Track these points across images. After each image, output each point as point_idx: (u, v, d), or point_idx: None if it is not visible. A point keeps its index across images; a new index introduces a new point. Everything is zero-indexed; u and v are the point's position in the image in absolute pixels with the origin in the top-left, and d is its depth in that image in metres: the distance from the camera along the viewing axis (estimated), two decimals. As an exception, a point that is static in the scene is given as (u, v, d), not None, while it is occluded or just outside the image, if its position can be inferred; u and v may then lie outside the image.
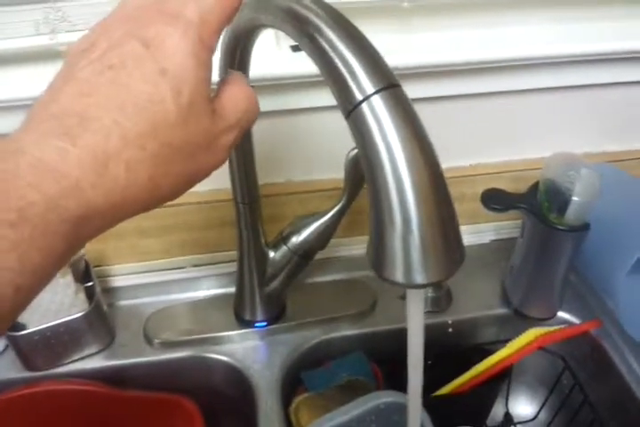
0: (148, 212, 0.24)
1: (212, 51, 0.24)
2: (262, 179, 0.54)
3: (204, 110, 0.24)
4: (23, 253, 0.19)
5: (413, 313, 0.36)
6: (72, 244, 0.21)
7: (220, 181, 0.61)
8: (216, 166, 0.26)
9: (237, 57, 0.40)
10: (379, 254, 0.28)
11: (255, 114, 0.27)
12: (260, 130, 0.61)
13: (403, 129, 0.26)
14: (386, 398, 0.51)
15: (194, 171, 0.25)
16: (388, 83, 0.26)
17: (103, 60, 0.22)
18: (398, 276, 0.28)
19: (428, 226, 0.27)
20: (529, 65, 0.59)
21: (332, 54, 0.27)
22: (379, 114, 0.26)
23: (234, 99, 0.26)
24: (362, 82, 0.26)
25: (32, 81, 0.50)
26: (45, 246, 0.20)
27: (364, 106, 0.26)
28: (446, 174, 0.74)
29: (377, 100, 0.26)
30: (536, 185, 0.58)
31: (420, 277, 0.28)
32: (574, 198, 0.54)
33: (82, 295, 0.57)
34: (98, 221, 0.22)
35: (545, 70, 0.61)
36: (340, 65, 0.26)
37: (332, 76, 0.27)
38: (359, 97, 0.26)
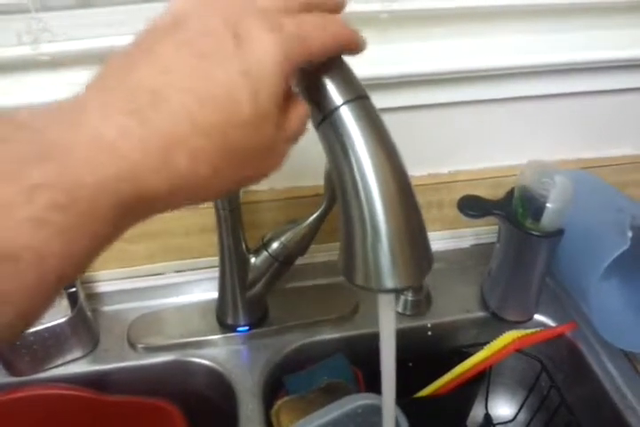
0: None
1: (295, 68, 0.24)
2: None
3: (273, 119, 0.24)
4: (69, 239, 0.18)
5: (385, 318, 0.37)
6: (119, 228, 0.21)
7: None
8: (269, 173, 0.26)
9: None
10: (349, 261, 0.29)
11: (305, 131, 0.27)
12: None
13: (370, 139, 0.27)
14: (364, 400, 0.52)
15: (249, 173, 0.25)
16: (356, 95, 0.27)
17: (191, 45, 0.22)
18: (368, 281, 0.29)
19: (396, 234, 0.28)
20: (506, 74, 0.61)
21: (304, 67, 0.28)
22: (347, 125, 0.27)
23: (298, 115, 0.26)
24: (330, 94, 0.27)
25: (14, 90, 0.50)
26: (91, 232, 0.19)
27: (333, 117, 0.27)
28: (425, 181, 0.76)
29: (345, 112, 0.27)
30: (512, 192, 0.59)
31: (389, 283, 0.29)
32: (548, 205, 0.55)
33: (65, 301, 0.57)
34: (149, 207, 0.21)
35: (522, 79, 0.62)
36: (310, 77, 0.27)
37: (304, 88, 0.28)
38: (328, 108, 0.27)
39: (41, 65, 0.49)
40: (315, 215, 0.57)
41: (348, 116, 0.27)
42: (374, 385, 0.60)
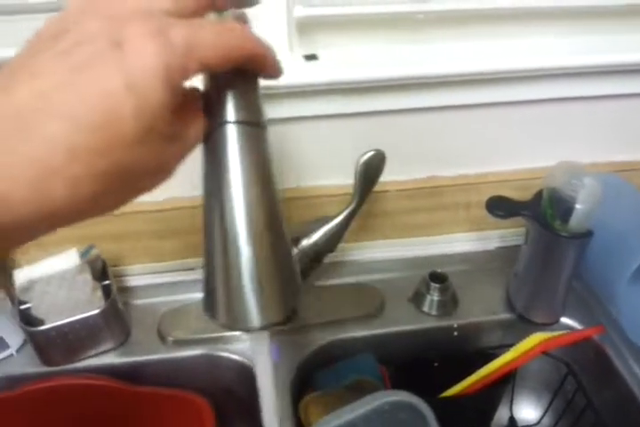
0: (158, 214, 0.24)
1: (185, 78, 0.22)
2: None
3: (161, 135, 0.22)
4: None
5: (259, 355, 0.35)
6: None
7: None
8: (158, 185, 0.25)
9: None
10: (211, 298, 0.28)
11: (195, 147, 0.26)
12: (271, 136, 0.63)
13: (246, 163, 0.26)
14: (392, 397, 0.52)
15: (136, 190, 0.24)
16: (251, 119, 0.27)
17: (71, 54, 0.20)
18: (232, 320, 0.28)
19: (261, 269, 0.26)
20: (537, 76, 0.61)
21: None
22: (228, 143, 0.26)
23: (194, 126, 0.25)
24: (227, 110, 0.26)
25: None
26: None
27: (219, 131, 0.26)
28: (453, 182, 0.76)
29: (231, 130, 0.26)
30: (540, 193, 0.60)
31: (255, 321, 0.27)
32: (577, 206, 0.56)
33: (99, 293, 0.59)
34: (23, 232, 0.20)
35: (553, 81, 0.62)
36: (216, 91, 0.26)
37: (208, 98, 0.27)
38: (218, 121, 0.26)
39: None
40: (344, 213, 0.58)
41: (233, 135, 0.26)
42: (400, 383, 0.60)
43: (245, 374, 0.60)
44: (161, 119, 0.21)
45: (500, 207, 0.61)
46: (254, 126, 0.27)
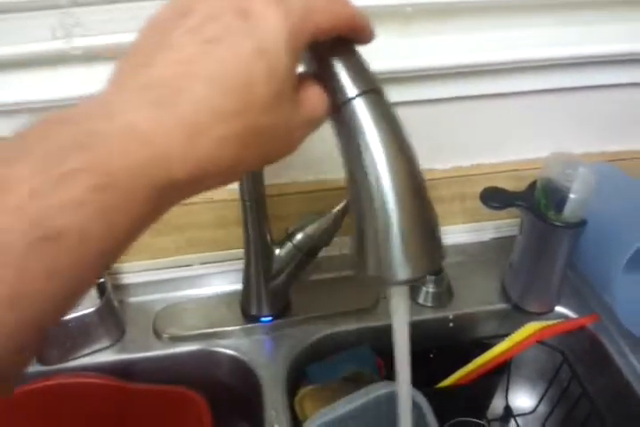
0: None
1: (304, 45, 0.24)
2: (268, 179, 0.56)
3: (291, 99, 0.24)
4: (111, 219, 0.19)
5: (397, 310, 0.36)
6: (157, 210, 0.22)
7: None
8: (286, 154, 0.26)
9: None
10: (361, 253, 0.29)
11: (325, 117, 0.27)
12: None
13: (383, 132, 0.27)
14: (388, 388, 0.52)
15: (267, 155, 0.25)
16: (371, 87, 0.27)
17: (202, 31, 0.22)
18: (380, 273, 0.29)
19: (408, 225, 0.27)
20: (529, 67, 0.61)
21: (319, 59, 0.27)
22: (360, 117, 0.27)
23: (315, 97, 0.26)
24: (345, 85, 0.27)
25: (48, 84, 0.51)
26: (132, 212, 0.20)
27: (346, 108, 0.27)
28: (448, 174, 0.76)
29: (359, 103, 0.27)
30: (534, 184, 0.60)
31: (401, 274, 0.28)
32: (571, 196, 0.56)
33: (93, 291, 0.58)
34: (179, 191, 0.22)
35: (546, 72, 0.62)
36: (325, 69, 0.27)
37: (319, 79, 0.27)
38: (342, 99, 0.27)
39: (73, 59, 0.50)
40: (338, 207, 0.58)
41: (362, 108, 0.27)
42: (394, 376, 0.61)
43: (241, 369, 0.60)
44: (288, 82, 0.23)
45: (495, 198, 0.60)
46: (378, 93, 0.28)
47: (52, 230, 0.18)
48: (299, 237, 0.58)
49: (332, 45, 0.26)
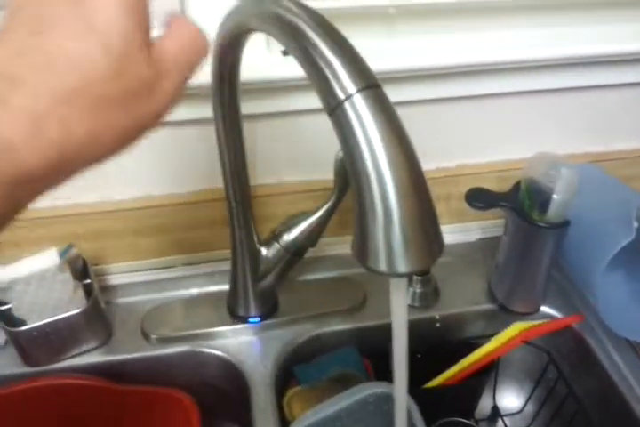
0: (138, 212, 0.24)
1: (143, 6, 0.23)
2: (254, 180, 0.56)
3: (140, 59, 0.23)
4: None
5: (397, 302, 0.37)
6: (11, 206, 0.21)
7: (211, 181, 0.63)
8: (161, 113, 0.25)
9: (228, 61, 0.42)
10: (362, 245, 0.30)
11: (203, 51, 0.26)
12: (251, 132, 0.63)
13: (383, 126, 0.27)
14: (375, 388, 0.52)
15: (137, 120, 0.24)
16: (369, 83, 0.28)
17: (34, 21, 0.22)
18: (381, 265, 0.29)
19: (408, 218, 0.28)
20: (512, 68, 0.62)
21: (316, 56, 0.28)
22: (360, 112, 0.27)
23: (176, 41, 0.25)
24: (344, 82, 0.28)
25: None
26: None
27: (346, 104, 0.28)
28: (433, 175, 0.77)
29: (358, 99, 0.27)
30: (518, 184, 0.60)
31: (401, 267, 0.29)
32: (555, 196, 0.56)
33: (80, 292, 0.58)
34: (37, 181, 0.22)
35: (529, 73, 0.63)
36: (323, 66, 0.28)
37: (316, 76, 0.28)
38: (341, 96, 0.28)
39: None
40: (325, 208, 0.58)
41: (361, 104, 0.27)
42: (383, 376, 0.61)
43: (229, 370, 0.60)
44: (131, 44, 0.23)
45: (479, 199, 0.61)
46: (378, 88, 0.28)
47: None
48: (285, 237, 0.58)
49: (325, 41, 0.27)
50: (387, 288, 0.68)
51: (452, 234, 0.74)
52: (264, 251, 0.59)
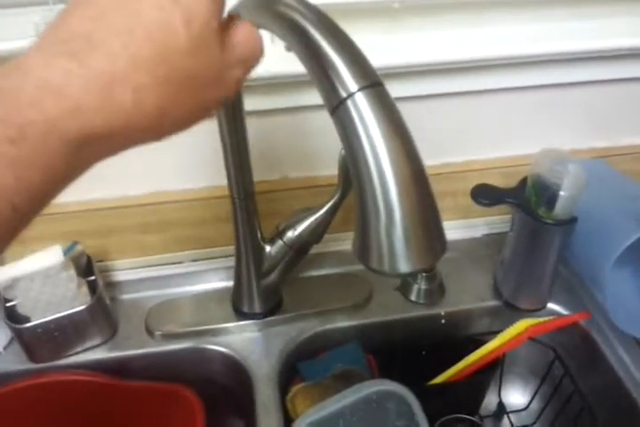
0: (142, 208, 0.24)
1: None
2: (258, 176, 0.56)
3: (214, 41, 0.24)
4: (21, 172, 0.19)
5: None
6: (73, 166, 0.21)
7: (215, 178, 0.63)
8: (220, 102, 0.26)
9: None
10: (364, 245, 0.30)
11: (260, 55, 0.27)
12: (255, 128, 0.63)
13: (385, 125, 0.27)
14: (379, 386, 0.52)
15: (202, 102, 0.25)
16: (372, 81, 0.27)
17: None
18: (382, 265, 0.29)
19: (409, 217, 0.28)
20: (519, 63, 0.61)
21: (318, 54, 0.28)
22: (362, 110, 0.27)
23: (243, 36, 0.26)
24: (346, 80, 0.27)
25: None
26: (44, 166, 0.20)
27: (348, 103, 0.27)
28: (439, 170, 0.76)
29: (360, 98, 0.27)
30: (525, 180, 0.60)
31: (403, 266, 0.29)
32: (561, 193, 0.56)
33: (84, 289, 0.59)
34: (100, 145, 0.22)
35: (535, 68, 0.62)
36: (325, 64, 0.28)
37: (318, 74, 0.28)
38: (343, 94, 0.27)
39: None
40: (329, 204, 0.58)
41: (363, 102, 0.27)
42: (387, 372, 0.61)
43: (233, 366, 0.60)
44: (209, 25, 0.23)
45: (485, 195, 0.60)
46: (380, 86, 0.28)
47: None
48: (289, 234, 0.58)
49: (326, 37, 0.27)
50: (392, 284, 0.68)
51: (457, 230, 0.73)
52: (268, 248, 0.59)
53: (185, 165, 0.65)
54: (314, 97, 0.61)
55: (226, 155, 0.52)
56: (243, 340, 0.61)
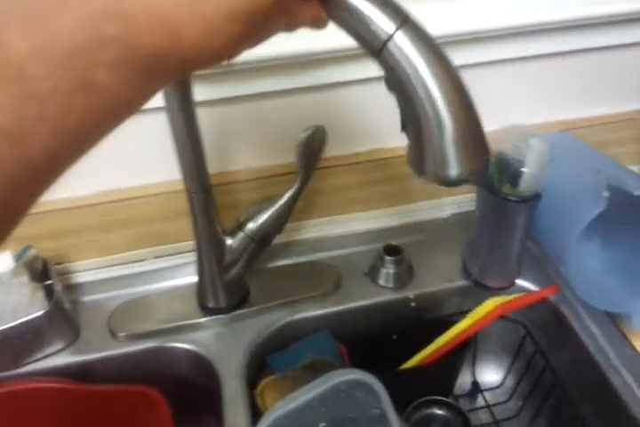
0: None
1: None
2: (216, 168, 0.54)
3: (287, 10, 0.26)
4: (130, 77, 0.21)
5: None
6: (149, 80, 0.22)
7: (172, 172, 0.61)
8: (245, 49, 0.27)
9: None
10: (419, 158, 0.33)
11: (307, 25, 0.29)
12: (212, 118, 0.60)
13: (426, 53, 0.30)
14: (347, 375, 0.51)
15: (237, 44, 0.25)
16: (402, 19, 0.29)
17: None
18: (437, 172, 0.32)
19: (456, 126, 0.31)
20: (481, 37, 0.59)
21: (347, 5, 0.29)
22: (403, 47, 0.29)
23: (308, 12, 0.28)
24: (381, 24, 0.29)
25: None
26: (125, 78, 0.21)
27: (390, 44, 0.29)
28: (400, 153, 0.74)
29: (399, 37, 0.29)
30: (488, 158, 0.59)
31: (454, 171, 0.32)
32: (524, 170, 0.55)
33: (40, 294, 0.56)
34: (176, 61, 0.23)
35: (499, 41, 0.60)
36: (356, 13, 0.29)
37: (353, 23, 0.30)
38: (384, 37, 0.29)
39: None
40: (289, 193, 0.56)
41: (402, 39, 0.29)
42: (359, 360, 0.60)
43: (200, 364, 0.59)
44: None
45: (447, 175, 0.59)
46: (410, 20, 0.30)
47: (88, 82, 0.20)
48: (250, 225, 0.57)
49: None
50: (360, 271, 0.67)
51: (423, 211, 0.72)
52: (229, 241, 0.57)
53: (139, 160, 0.63)
54: (268, 83, 0.59)
55: (177, 148, 0.50)
56: (209, 336, 0.60)
